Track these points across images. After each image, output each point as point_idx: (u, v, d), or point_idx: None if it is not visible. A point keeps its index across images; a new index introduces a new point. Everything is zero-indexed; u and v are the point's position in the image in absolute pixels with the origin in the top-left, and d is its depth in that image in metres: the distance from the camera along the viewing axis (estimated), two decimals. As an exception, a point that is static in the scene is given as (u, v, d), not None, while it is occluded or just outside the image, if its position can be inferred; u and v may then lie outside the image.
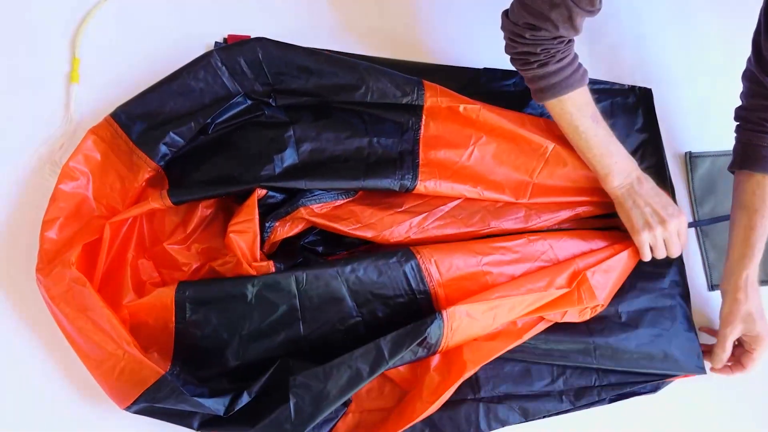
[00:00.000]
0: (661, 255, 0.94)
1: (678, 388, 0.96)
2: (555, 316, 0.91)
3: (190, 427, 0.84)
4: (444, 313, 0.83)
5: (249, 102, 0.93)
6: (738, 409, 0.99)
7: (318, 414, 0.80)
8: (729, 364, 0.96)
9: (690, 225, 1.02)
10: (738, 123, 0.96)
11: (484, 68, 1.03)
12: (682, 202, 1.04)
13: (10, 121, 0.96)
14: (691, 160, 1.06)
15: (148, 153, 0.89)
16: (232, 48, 0.92)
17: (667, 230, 0.92)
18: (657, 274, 0.99)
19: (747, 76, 0.93)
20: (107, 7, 1.01)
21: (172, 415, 0.83)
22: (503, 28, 0.88)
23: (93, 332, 0.83)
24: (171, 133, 0.90)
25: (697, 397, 0.98)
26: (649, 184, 0.94)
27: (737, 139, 0.96)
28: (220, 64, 0.91)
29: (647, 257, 0.94)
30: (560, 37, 0.83)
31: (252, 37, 0.95)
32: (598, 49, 1.09)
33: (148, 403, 0.81)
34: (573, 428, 0.94)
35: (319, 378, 0.80)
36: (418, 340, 0.82)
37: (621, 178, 0.93)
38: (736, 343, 0.95)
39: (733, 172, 0.97)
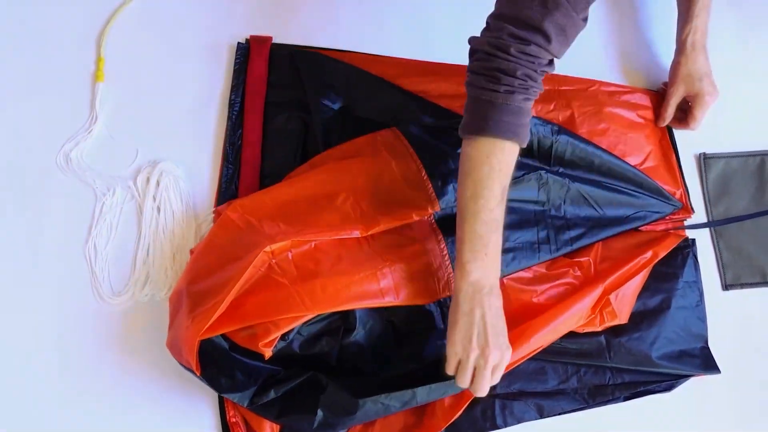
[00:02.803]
0: (464, 383, 0.77)
1: (692, 387, 0.97)
2: (575, 329, 0.93)
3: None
4: None
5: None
6: (751, 409, 0.99)
7: (339, 429, 0.84)
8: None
9: (704, 225, 1.02)
10: None
11: None
12: (696, 203, 1.05)
13: (37, 119, 0.98)
14: (705, 161, 1.07)
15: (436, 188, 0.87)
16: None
17: (484, 357, 0.75)
18: (671, 275, 0.99)
19: None
20: (132, 8, 1.03)
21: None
22: (483, 36, 0.77)
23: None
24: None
25: (711, 396, 0.98)
26: (497, 303, 0.78)
27: None
28: None
29: (451, 371, 0.77)
30: (545, 56, 0.75)
31: (271, 37, 0.96)
32: (611, 51, 1.10)
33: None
34: (588, 426, 0.95)
35: (349, 406, 0.81)
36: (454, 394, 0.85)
37: (478, 276, 0.77)
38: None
39: None
